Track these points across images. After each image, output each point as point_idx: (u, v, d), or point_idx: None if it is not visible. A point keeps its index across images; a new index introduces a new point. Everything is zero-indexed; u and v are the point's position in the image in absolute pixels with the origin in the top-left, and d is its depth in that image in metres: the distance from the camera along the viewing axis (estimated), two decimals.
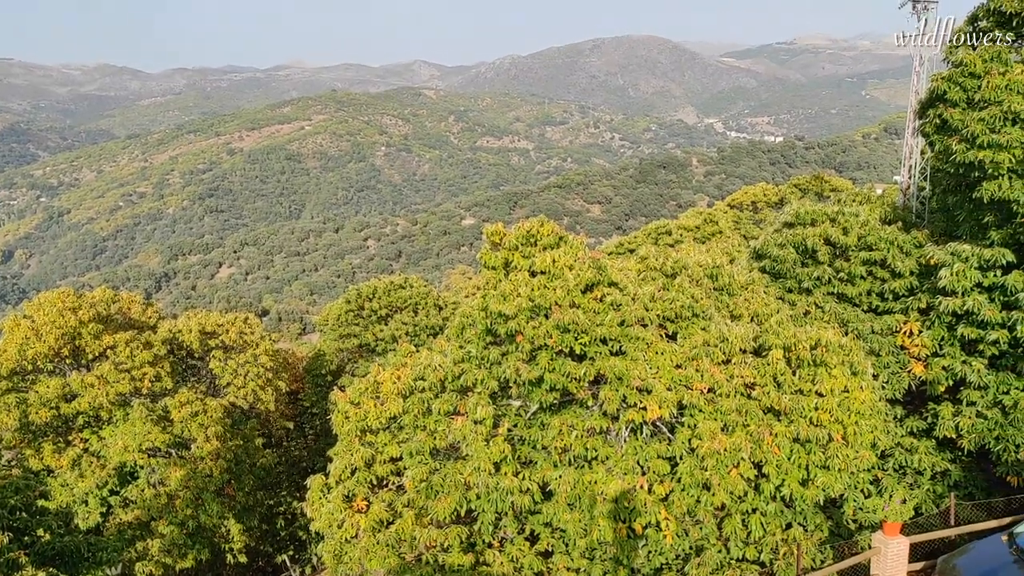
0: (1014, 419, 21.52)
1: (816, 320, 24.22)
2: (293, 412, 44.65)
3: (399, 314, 47.87)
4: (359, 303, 48.05)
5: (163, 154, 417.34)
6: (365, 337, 46.78)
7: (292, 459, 43.82)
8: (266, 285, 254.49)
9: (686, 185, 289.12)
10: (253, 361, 37.38)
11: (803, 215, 27.30)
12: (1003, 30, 24.35)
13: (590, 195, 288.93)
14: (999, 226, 22.62)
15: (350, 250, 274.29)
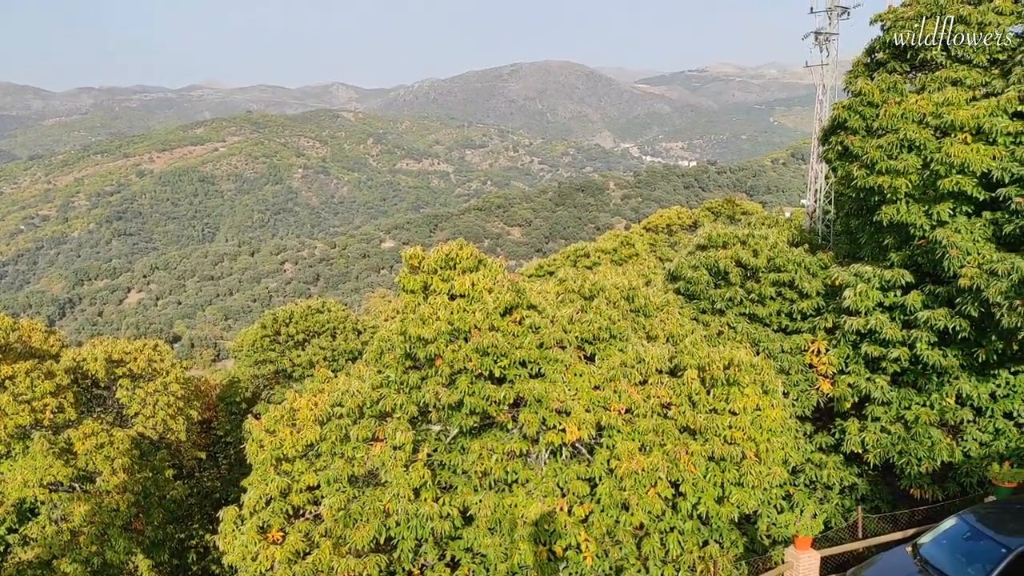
0: (915, 433, 22.44)
1: (729, 340, 24.82)
2: (206, 442, 43.23)
3: (317, 339, 47.03)
4: (275, 328, 47.03)
5: (68, 176, 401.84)
6: (281, 363, 45.78)
7: (204, 490, 42.36)
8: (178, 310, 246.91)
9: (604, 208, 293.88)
10: (163, 390, 36.09)
11: (715, 238, 28.07)
12: (898, 62, 25.68)
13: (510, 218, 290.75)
14: (898, 248, 23.67)
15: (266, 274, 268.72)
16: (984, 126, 21.32)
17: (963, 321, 20.96)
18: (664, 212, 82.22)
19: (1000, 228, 21.05)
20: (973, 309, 20.46)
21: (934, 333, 21.72)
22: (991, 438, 21.93)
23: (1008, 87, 22.11)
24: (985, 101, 22.18)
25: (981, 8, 24.29)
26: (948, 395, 22.36)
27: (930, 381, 22.66)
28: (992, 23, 23.85)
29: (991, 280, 19.71)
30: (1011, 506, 16.58)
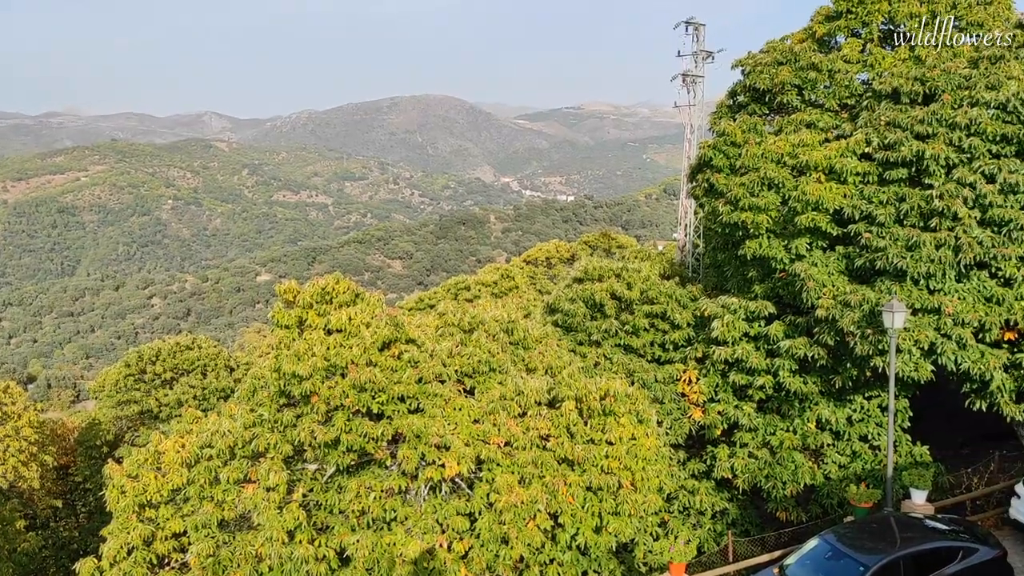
0: (780, 458, 23.47)
1: (605, 371, 25.35)
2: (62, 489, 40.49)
3: (186, 377, 45.03)
4: (141, 366, 44.75)
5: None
6: (147, 403, 43.55)
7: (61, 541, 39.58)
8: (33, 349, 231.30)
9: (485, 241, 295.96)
10: (14, 435, 33.70)
11: (591, 271, 28.72)
12: (758, 104, 27.21)
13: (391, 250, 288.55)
14: (761, 280, 24.89)
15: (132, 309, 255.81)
16: (836, 166, 22.80)
17: (821, 349, 22.16)
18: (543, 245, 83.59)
19: (852, 261, 22.46)
20: (829, 338, 21.68)
21: (795, 361, 22.86)
22: (849, 460, 23.18)
23: (856, 130, 23.76)
24: (836, 143, 23.75)
25: (831, 56, 26.11)
26: (809, 420, 23.54)
27: (793, 407, 23.80)
28: (841, 70, 25.66)
29: (845, 311, 20.97)
30: (868, 525, 17.50)
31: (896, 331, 18.98)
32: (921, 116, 21.87)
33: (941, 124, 21.51)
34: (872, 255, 21.30)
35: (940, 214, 20.59)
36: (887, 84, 23.52)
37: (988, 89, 21.44)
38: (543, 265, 76.59)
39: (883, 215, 21.54)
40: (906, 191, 21.64)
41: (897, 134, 21.99)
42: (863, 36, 26.59)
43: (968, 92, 21.76)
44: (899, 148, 21.72)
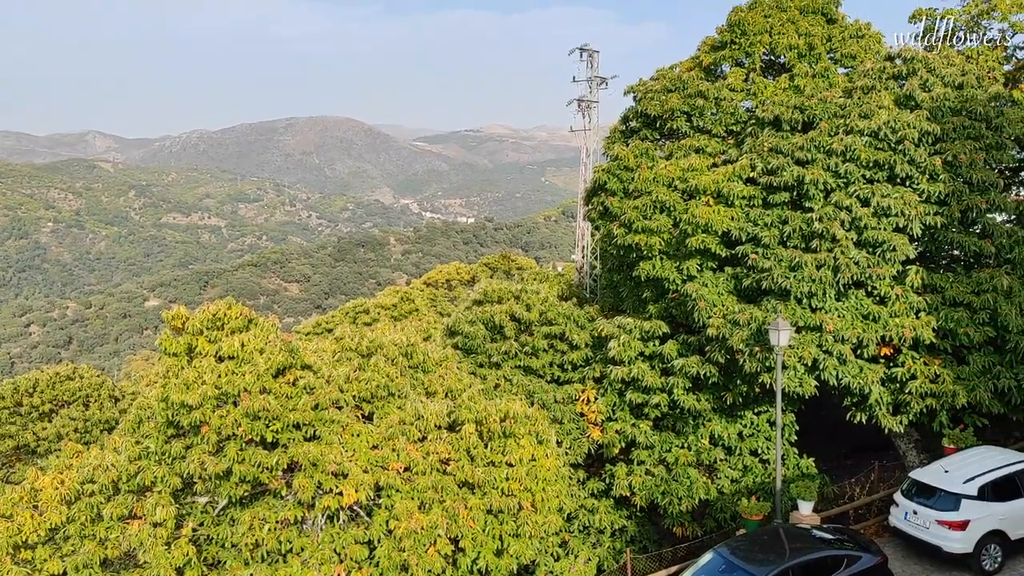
0: (676, 474, 24.01)
1: (505, 392, 25.42)
2: None
3: (66, 409, 42.67)
4: (16, 399, 42.15)
5: None
6: (24, 437, 41.00)
7: None
8: None
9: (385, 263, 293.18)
10: None
11: (491, 293, 28.84)
12: (649, 130, 28.03)
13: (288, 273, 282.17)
14: (655, 300, 25.53)
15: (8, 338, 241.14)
16: (723, 190, 23.68)
17: (712, 367, 22.85)
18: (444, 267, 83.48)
19: (740, 282, 23.30)
20: (720, 356, 22.39)
21: (689, 379, 23.49)
22: (740, 475, 23.92)
23: (741, 156, 24.76)
24: (724, 168, 24.69)
25: (717, 85, 27.17)
26: (703, 436, 24.19)
27: (687, 424, 24.42)
28: (727, 98, 26.73)
29: (734, 329, 21.71)
30: (759, 537, 18.08)
31: (781, 348, 19.78)
32: (801, 143, 22.97)
33: (819, 150, 22.65)
34: (758, 275, 22.15)
35: (820, 236, 21.62)
36: (769, 112, 24.63)
37: (861, 118, 22.73)
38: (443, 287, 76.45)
39: (768, 237, 22.47)
40: (788, 214, 22.65)
41: (779, 160, 23.02)
42: (747, 66, 27.79)
43: (843, 120, 23.01)
44: (781, 173, 22.74)
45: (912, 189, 21.93)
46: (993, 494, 17.15)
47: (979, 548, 16.96)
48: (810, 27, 27.09)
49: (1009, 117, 23.51)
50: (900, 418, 21.32)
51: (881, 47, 27.66)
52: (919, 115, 22.49)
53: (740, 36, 27.56)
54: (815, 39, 26.96)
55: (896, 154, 22.09)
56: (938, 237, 22.17)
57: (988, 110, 23.26)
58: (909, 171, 21.97)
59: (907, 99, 23.48)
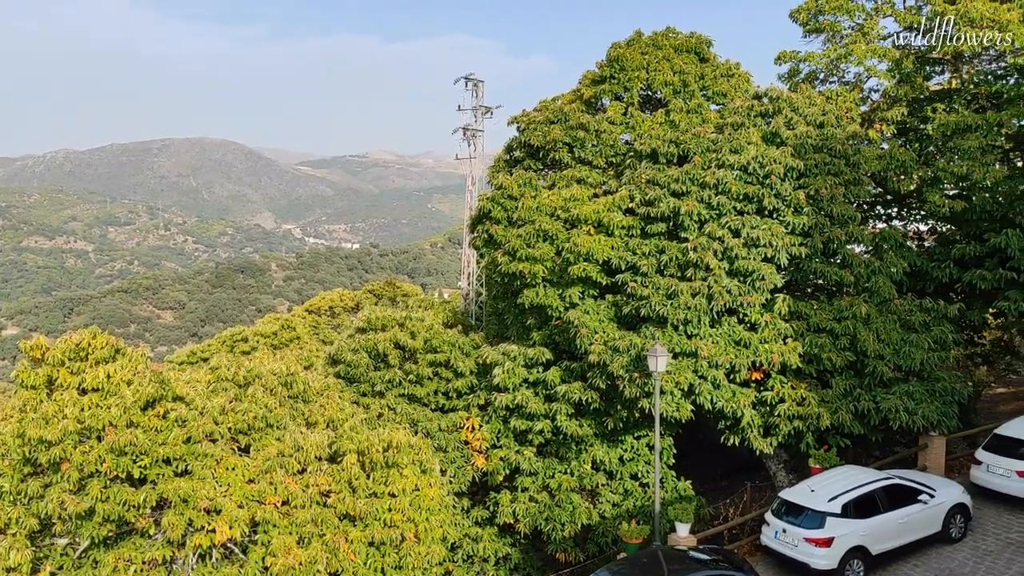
0: (559, 500, 24.22)
1: (389, 422, 25.11)
2: None
3: None
4: None
5: None
6: None
7: None
8: None
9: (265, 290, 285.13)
10: None
11: (375, 320, 28.49)
12: (533, 160, 28.51)
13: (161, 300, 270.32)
14: (539, 327, 25.82)
15: None
16: (604, 220, 24.30)
17: (594, 393, 23.25)
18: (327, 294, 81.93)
19: (620, 309, 23.86)
20: (601, 382, 22.82)
21: (571, 405, 23.80)
22: (621, 499, 24.35)
23: (621, 187, 25.48)
24: (604, 198, 25.34)
25: (597, 117, 27.94)
26: (585, 462, 24.52)
27: (570, 450, 24.70)
28: (607, 131, 27.51)
29: (614, 356, 22.19)
30: (638, 560, 18.39)
31: (659, 374, 20.33)
32: (676, 175, 23.86)
33: (693, 183, 23.58)
34: (638, 303, 22.76)
35: (695, 265, 22.45)
36: (647, 145, 25.49)
37: (732, 153, 23.82)
38: (326, 314, 74.99)
39: (646, 266, 23.15)
40: (665, 244, 23.43)
41: (656, 191, 23.82)
42: (626, 100, 28.72)
43: (715, 155, 24.06)
44: (658, 204, 23.53)
45: (779, 221, 23.09)
46: (855, 511, 18.07)
47: (843, 564, 17.80)
48: (684, 65, 28.28)
49: (865, 155, 25.16)
50: (770, 440, 22.24)
51: (750, 86, 29.13)
52: (784, 151, 23.77)
53: (619, 71, 28.48)
54: (689, 77, 28.14)
55: (764, 188, 23.24)
56: (803, 267, 23.38)
57: (846, 148, 24.83)
58: (776, 204, 23.15)
59: (773, 136, 24.79)
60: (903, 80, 28.93)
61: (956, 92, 28.96)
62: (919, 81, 29.05)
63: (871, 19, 29.77)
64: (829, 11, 29.86)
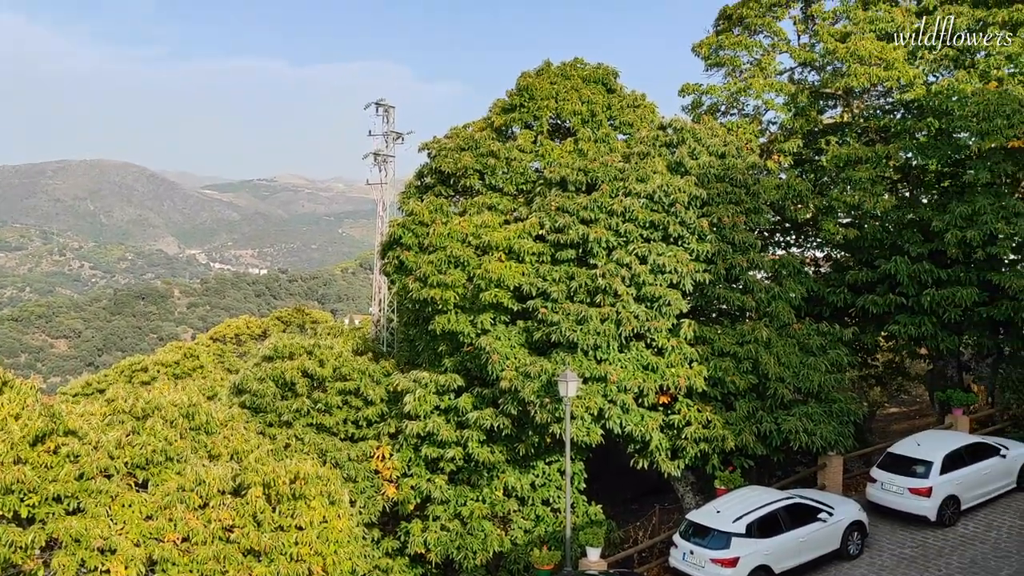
0: (471, 528, 24.07)
1: (297, 452, 24.48)
2: None
3: None
4: None
5: None
6: None
7: None
8: None
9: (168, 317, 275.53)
10: None
11: (282, 348, 27.87)
12: (444, 186, 28.55)
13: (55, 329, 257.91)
14: (451, 354, 25.73)
15: None
16: (514, 246, 24.49)
17: (506, 419, 23.28)
18: (233, 321, 79.70)
19: (531, 335, 24.01)
20: (513, 408, 22.87)
21: (483, 432, 23.76)
22: (533, 525, 24.36)
23: (531, 214, 25.75)
24: (515, 225, 25.57)
25: (508, 145, 28.23)
26: (497, 488, 24.46)
27: (482, 477, 24.61)
28: (517, 158, 27.81)
29: (525, 382, 22.29)
30: None
31: (570, 399, 20.51)
32: (585, 203, 24.27)
33: (602, 211, 24.02)
34: (548, 329, 22.95)
35: (604, 291, 22.82)
36: (556, 173, 25.86)
37: (638, 181, 24.39)
38: (232, 342, 72.91)
39: (556, 292, 23.40)
40: (575, 270, 23.75)
41: (566, 219, 24.17)
42: (535, 128, 29.12)
43: (622, 183, 24.59)
44: (568, 231, 23.87)
45: (684, 248, 23.73)
46: (759, 531, 18.54)
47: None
48: (592, 95, 28.89)
49: (764, 185, 26.15)
50: (678, 462, 22.67)
51: (655, 116, 29.98)
52: (688, 180, 24.49)
53: (529, 100, 28.88)
54: (596, 107, 28.76)
55: (669, 216, 23.86)
56: (707, 292, 24.05)
57: (747, 178, 25.77)
58: (681, 232, 23.78)
59: (678, 165, 25.52)
60: (798, 113, 30.26)
61: (847, 125, 30.45)
62: (813, 115, 30.44)
63: (768, 55, 31.09)
64: (729, 46, 31.06)
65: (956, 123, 25.71)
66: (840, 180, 28.13)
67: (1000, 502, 20.91)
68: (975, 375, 29.43)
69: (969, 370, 29.57)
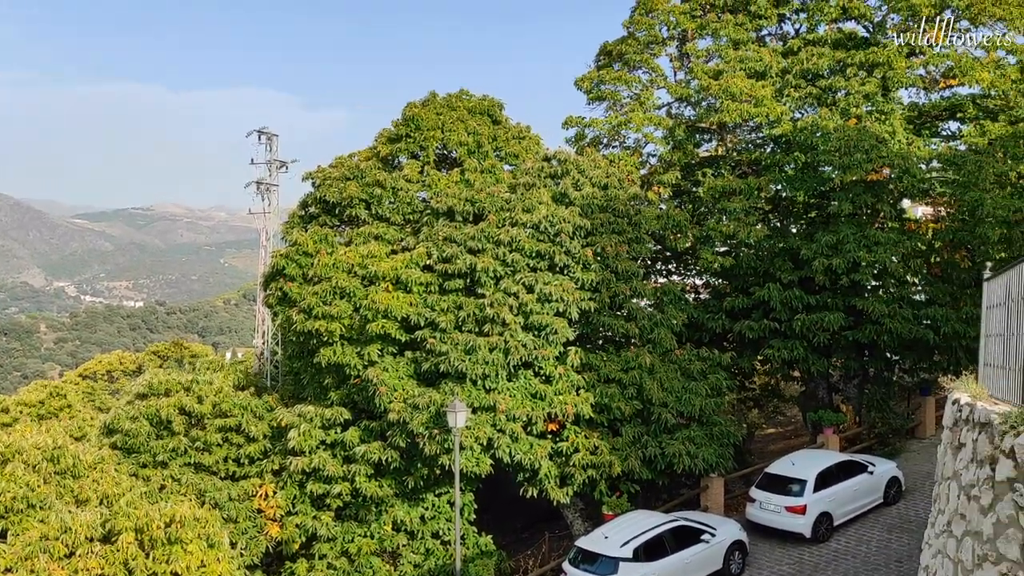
0: (359, 565, 23.53)
1: (173, 494, 23.40)
2: None
3: None
4: None
5: None
6: None
7: None
8: None
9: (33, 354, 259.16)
10: None
11: (157, 385, 26.72)
12: (329, 216, 28.13)
13: None
14: (337, 387, 25.23)
15: None
16: (402, 276, 24.33)
17: (394, 452, 22.95)
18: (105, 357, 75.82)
19: (420, 366, 23.83)
20: (402, 440, 22.58)
21: (371, 466, 23.35)
22: (423, 558, 24.02)
23: (419, 244, 25.66)
24: (402, 255, 25.42)
25: (394, 175, 28.11)
26: (385, 523, 24.03)
27: (370, 512, 24.14)
28: (403, 188, 27.71)
29: (414, 413, 22.07)
30: None
31: (459, 430, 20.42)
32: (472, 233, 24.39)
33: (489, 241, 24.18)
34: (437, 359, 22.84)
35: (492, 320, 22.89)
36: (443, 203, 25.91)
37: (524, 212, 24.72)
38: (104, 379, 69.23)
39: (445, 322, 23.34)
40: (463, 300, 23.77)
41: (453, 248, 24.21)
42: (422, 158, 29.10)
43: (509, 214, 24.86)
44: (455, 261, 23.90)
45: (569, 277, 24.13)
46: (645, 555, 18.82)
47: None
48: (478, 127, 29.17)
49: (645, 215, 26.94)
50: (566, 489, 22.85)
51: (540, 148, 30.50)
52: (573, 211, 24.98)
53: (415, 130, 28.88)
54: (482, 138, 29.04)
55: (555, 245, 24.25)
56: (592, 320, 24.49)
57: (629, 208, 26.50)
58: (566, 261, 24.19)
59: (563, 196, 26.01)
60: (676, 146, 31.42)
61: (722, 159, 31.82)
62: (690, 148, 31.67)
63: (647, 90, 32.21)
64: (609, 81, 32.02)
65: (820, 157, 27.24)
66: (716, 211, 29.29)
67: (869, 517, 21.97)
68: (844, 395, 30.96)
69: (838, 391, 31.08)
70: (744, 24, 31.25)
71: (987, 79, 28.52)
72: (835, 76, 29.45)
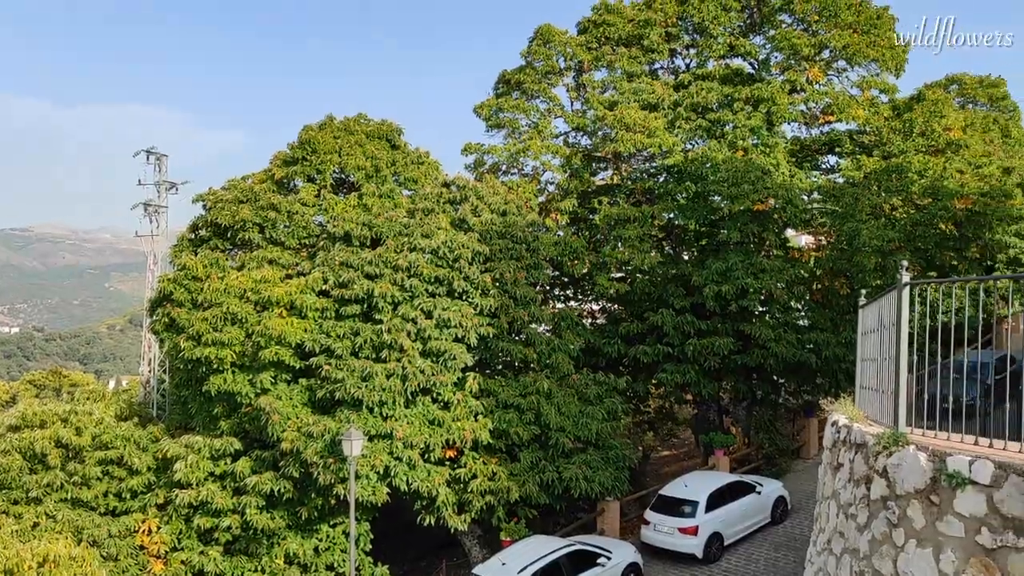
0: None
1: (47, 531, 22.07)
2: None
3: None
4: None
5: None
6: None
7: None
8: None
9: None
10: None
11: (31, 417, 25.28)
12: (220, 239, 27.32)
13: None
14: (228, 416, 24.40)
15: None
16: (297, 302, 23.80)
17: (287, 483, 22.30)
18: None
19: (315, 393, 23.31)
20: (295, 470, 21.96)
21: (262, 497, 22.60)
22: None
23: (314, 268, 25.19)
24: (297, 280, 24.87)
25: (290, 198, 27.57)
26: (277, 556, 23.26)
27: (261, 545, 23.33)
28: (299, 212, 27.20)
29: (308, 442, 21.52)
30: None
31: (355, 458, 20.01)
32: (370, 258, 24.12)
33: (387, 266, 23.96)
34: (332, 386, 22.39)
35: (390, 346, 22.63)
36: (340, 227, 25.55)
37: (423, 237, 24.62)
38: None
39: (341, 348, 22.93)
40: (360, 326, 23.42)
41: (350, 273, 23.87)
42: (318, 182, 28.66)
43: (407, 239, 24.71)
44: (352, 286, 23.56)
45: (468, 303, 24.12)
46: None
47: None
48: (376, 151, 28.97)
49: (543, 241, 27.27)
50: (464, 516, 22.67)
51: (439, 173, 30.49)
52: (472, 237, 25.05)
53: (311, 154, 28.44)
54: (381, 162, 28.85)
55: (454, 271, 24.23)
56: (491, 346, 24.52)
57: (527, 235, 26.77)
58: (465, 286, 24.19)
59: (461, 222, 26.05)
60: (573, 175, 32.00)
61: (617, 187, 32.56)
62: (587, 176, 32.30)
63: (545, 119, 32.73)
64: (508, 109, 32.38)
65: (710, 187, 28.23)
66: (612, 238, 29.92)
67: (757, 536, 22.65)
68: (733, 418, 31.95)
69: (728, 413, 32.06)
70: (638, 57, 32.20)
71: (862, 116, 30.30)
72: (723, 110, 30.64)
